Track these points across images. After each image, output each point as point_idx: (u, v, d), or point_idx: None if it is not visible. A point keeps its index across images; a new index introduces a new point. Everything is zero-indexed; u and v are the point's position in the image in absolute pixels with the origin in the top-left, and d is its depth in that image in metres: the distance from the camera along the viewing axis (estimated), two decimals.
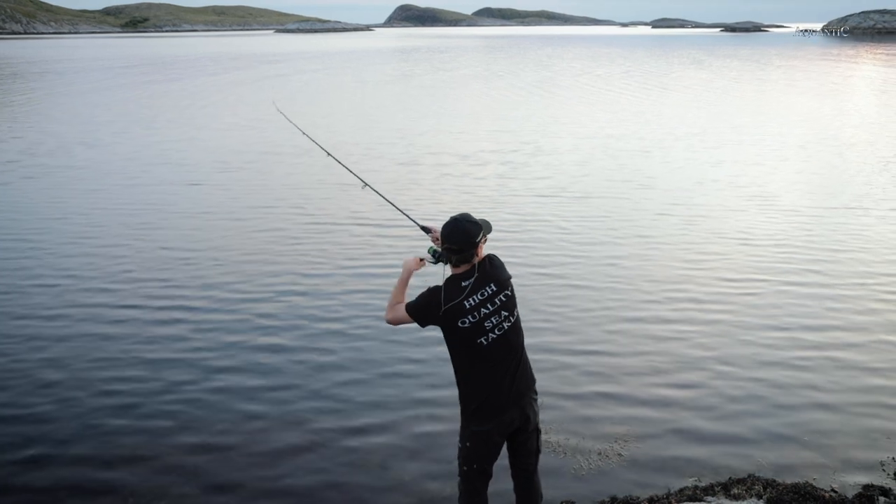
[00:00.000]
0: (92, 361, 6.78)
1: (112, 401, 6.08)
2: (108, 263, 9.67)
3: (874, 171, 15.17)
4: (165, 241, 10.69)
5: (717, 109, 26.89)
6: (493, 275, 3.66)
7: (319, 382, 6.39)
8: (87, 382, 6.37)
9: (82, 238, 10.92)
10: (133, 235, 10.96)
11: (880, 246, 10.10)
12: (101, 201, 13.30)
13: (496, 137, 19.78)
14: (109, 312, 7.96)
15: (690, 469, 5.12)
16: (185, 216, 12.17)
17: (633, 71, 48.37)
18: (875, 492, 4.75)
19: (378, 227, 11.19)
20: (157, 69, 53.93)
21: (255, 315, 7.86)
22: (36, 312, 7.94)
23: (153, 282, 8.93)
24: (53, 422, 5.75)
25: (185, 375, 6.51)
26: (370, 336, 7.30)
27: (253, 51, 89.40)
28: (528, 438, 3.82)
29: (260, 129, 22.25)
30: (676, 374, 6.48)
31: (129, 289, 8.71)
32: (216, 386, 6.33)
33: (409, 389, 6.27)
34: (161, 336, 7.35)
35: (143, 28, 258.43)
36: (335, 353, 6.94)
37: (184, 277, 9.10)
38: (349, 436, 5.57)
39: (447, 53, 77.82)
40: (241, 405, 6.01)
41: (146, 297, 8.43)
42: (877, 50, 75.07)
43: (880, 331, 7.33)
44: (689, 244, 10.29)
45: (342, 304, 8.19)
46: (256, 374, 6.53)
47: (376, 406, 5.99)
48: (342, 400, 6.09)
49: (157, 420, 5.80)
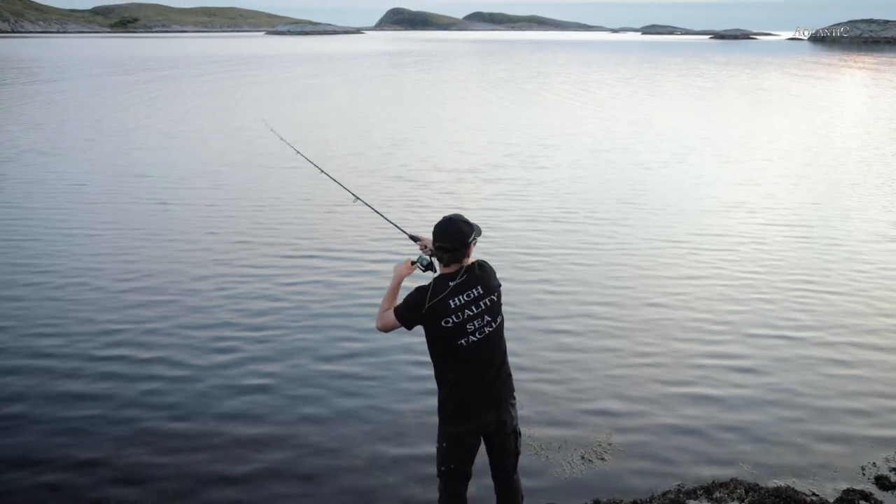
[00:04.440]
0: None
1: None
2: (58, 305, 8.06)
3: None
4: (127, 272, 9.12)
5: (716, 118, 27.09)
6: (482, 278, 3.68)
7: (306, 388, 6.38)
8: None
9: (22, 273, 9.09)
10: (86, 271, 9.21)
11: (866, 253, 10.21)
12: (52, 223, 11.40)
13: (490, 147, 19.53)
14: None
15: (673, 472, 5.14)
16: (149, 240, 10.61)
17: (633, 77, 48.58)
18: (856, 496, 4.79)
19: (371, 239, 10.87)
20: (142, 70, 53.55)
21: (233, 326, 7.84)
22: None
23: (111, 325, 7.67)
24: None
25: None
26: (360, 346, 7.30)
27: (243, 52, 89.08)
28: (505, 440, 3.82)
29: (246, 139, 21.31)
30: (660, 378, 6.50)
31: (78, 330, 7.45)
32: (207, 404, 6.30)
33: (391, 393, 6.27)
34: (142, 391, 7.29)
35: (132, 28, 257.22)
36: (322, 363, 6.94)
37: (148, 315, 8.37)
38: (333, 439, 5.57)
39: (439, 58, 77.89)
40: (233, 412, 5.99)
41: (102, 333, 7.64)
42: (865, 59, 75.81)
43: (862, 336, 7.39)
44: (673, 244, 10.35)
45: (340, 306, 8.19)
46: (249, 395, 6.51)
47: (356, 410, 5.99)
48: (326, 405, 6.09)
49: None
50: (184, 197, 13.41)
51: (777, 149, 19.09)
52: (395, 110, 28.30)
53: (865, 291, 8.60)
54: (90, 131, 21.77)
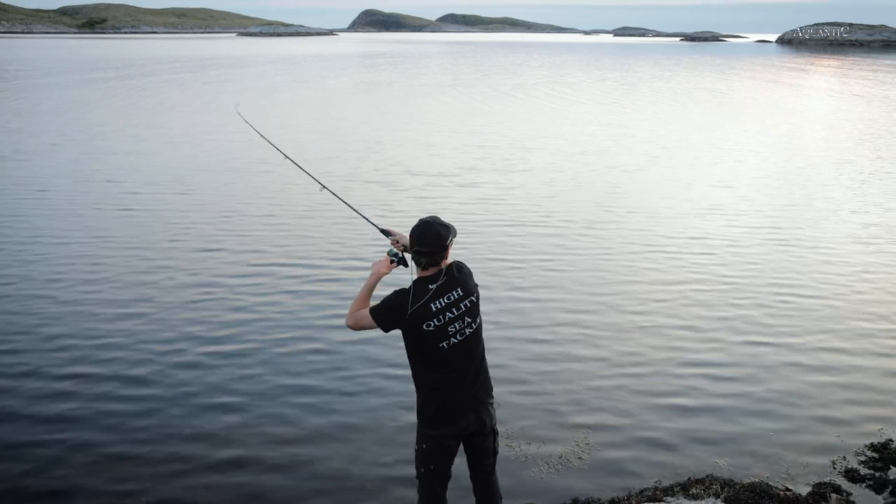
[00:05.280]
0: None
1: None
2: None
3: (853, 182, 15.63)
4: (86, 283, 8.76)
5: (689, 119, 27.42)
6: (460, 280, 3.67)
7: (276, 390, 6.33)
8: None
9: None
10: (45, 283, 8.81)
11: (839, 255, 10.42)
12: (12, 232, 10.98)
13: (465, 150, 19.46)
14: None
15: (650, 470, 5.19)
16: (112, 248, 10.24)
17: (606, 79, 48.96)
18: (827, 489, 4.89)
19: (342, 244, 10.90)
20: (110, 72, 52.73)
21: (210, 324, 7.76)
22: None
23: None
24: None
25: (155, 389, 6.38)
26: (331, 342, 7.27)
27: (214, 54, 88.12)
28: (484, 440, 3.83)
29: (217, 144, 21.31)
30: (636, 378, 6.57)
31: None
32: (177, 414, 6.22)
33: (370, 394, 6.25)
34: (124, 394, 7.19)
35: (100, 29, 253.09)
36: (294, 362, 6.90)
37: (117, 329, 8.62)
38: (307, 443, 5.54)
39: (412, 59, 77.78)
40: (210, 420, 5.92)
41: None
42: (830, 61, 77.28)
43: (832, 333, 7.54)
44: (649, 248, 10.46)
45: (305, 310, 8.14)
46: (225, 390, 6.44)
47: (335, 411, 5.96)
48: (298, 406, 6.04)
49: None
50: (150, 203, 13.01)
51: (750, 150, 19.37)
52: (369, 113, 28.17)
53: (842, 295, 8.65)
54: (55, 135, 21.11)
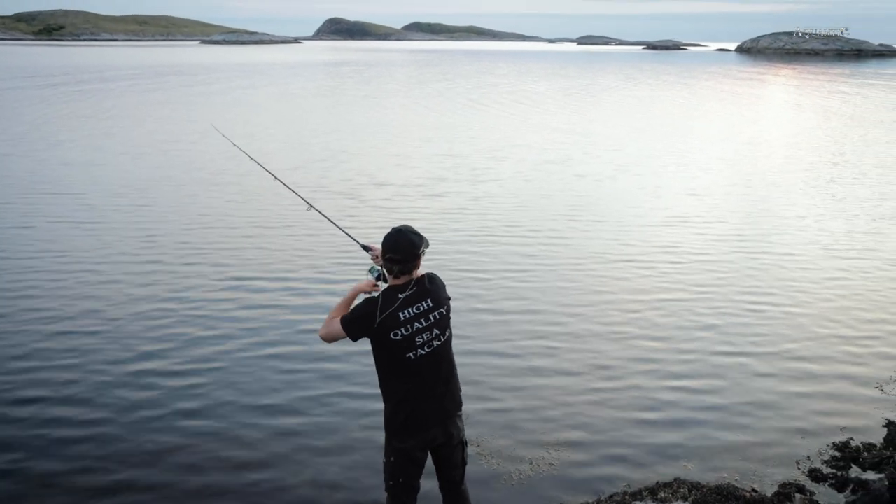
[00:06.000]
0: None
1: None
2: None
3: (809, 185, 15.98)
4: (35, 301, 8.33)
5: (653, 127, 27.81)
6: (431, 291, 3.65)
7: (233, 411, 6.23)
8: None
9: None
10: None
11: (805, 263, 10.64)
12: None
13: (433, 160, 19.30)
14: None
15: (619, 476, 5.21)
16: (65, 264, 9.72)
17: (571, 88, 49.41)
18: (792, 489, 4.97)
19: (310, 260, 10.79)
20: (67, 80, 51.62)
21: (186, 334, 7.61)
22: None
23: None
24: None
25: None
26: (303, 356, 7.18)
27: (176, 62, 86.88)
28: (452, 452, 3.81)
29: (178, 154, 20.90)
30: (603, 385, 6.60)
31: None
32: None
33: (337, 400, 6.18)
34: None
35: (58, 36, 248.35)
36: (266, 370, 6.80)
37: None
38: (278, 454, 5.45)
39: (378, 68, 77.64)
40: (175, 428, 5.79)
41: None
42: (787, 69, 79.23)
43: (797, 340, 7.68)
44: (618, 259, 10.55)
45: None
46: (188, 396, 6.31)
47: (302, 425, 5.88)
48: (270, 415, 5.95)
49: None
50: (106, 217, 12.42)
51: (715, 158, 19.58)
52: (334, 122, 27.97)
53: (808, 303, 8.68)
54: (6, 145, 20.31)
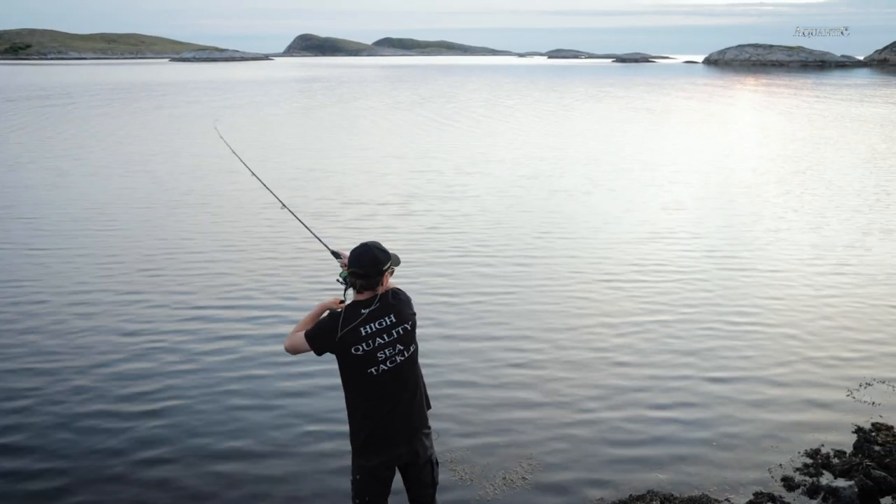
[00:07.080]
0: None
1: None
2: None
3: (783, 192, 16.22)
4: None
5: (626, 140, 28.10)
6: (395, 307, 3.62)
7: (212, 404, 6.11)
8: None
9: None
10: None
11: (779, 280, 10.77)
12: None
13: (405, 176, 18.88)
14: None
15: (592, 489, 5.19)
16: (18, 295, 9.16)
17: (543, 101, 49.68)
18: (764, 499, 4.98)
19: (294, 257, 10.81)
20: (31, 99, 50.82)
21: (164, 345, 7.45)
22: None
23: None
24: None
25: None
26: (269, 364, 7.08)
27: (145, 80, 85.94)
28: (420, 471, 3.77)
29: (147, 175, 20.79)
30: (576, 400, 6.59)
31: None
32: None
33: (303, 418, 6.09)
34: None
35: (24, 55, 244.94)
36: (237, 379, 6.68)
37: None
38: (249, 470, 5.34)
39: (349, 84, 77.52)
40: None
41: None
42: (753, 80, 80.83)
43: (772, 352, 7.74)
44: (593, 277, 10.58)
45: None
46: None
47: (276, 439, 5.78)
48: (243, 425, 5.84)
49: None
50: (66, 244, 11.71)
51: (689, 170, 19.47)
52: (305, 139, 27.78)
53: (785, 316, 8.61)
54: None
